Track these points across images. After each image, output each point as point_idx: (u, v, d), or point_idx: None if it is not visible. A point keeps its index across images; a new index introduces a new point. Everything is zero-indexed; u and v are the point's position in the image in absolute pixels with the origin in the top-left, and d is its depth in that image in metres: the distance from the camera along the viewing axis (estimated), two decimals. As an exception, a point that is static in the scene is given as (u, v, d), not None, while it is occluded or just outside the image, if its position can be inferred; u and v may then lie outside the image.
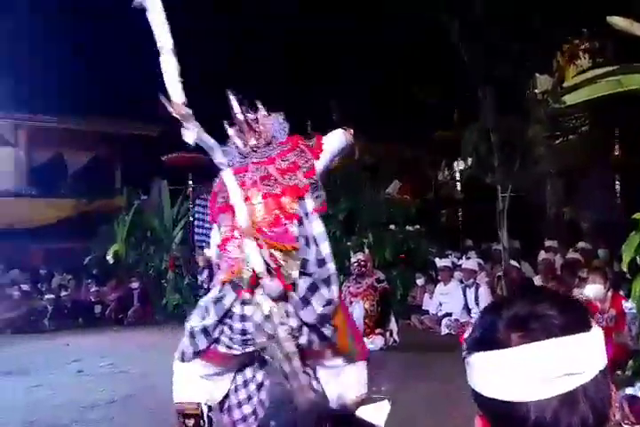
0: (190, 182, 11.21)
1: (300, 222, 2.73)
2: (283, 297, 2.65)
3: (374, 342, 6.07)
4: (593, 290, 5.33)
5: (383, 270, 7.46)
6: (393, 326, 6.56)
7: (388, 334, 6.41)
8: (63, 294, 9.55)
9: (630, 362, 4.28)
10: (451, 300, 7.40)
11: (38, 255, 11.98)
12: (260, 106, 2.92)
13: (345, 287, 6.28)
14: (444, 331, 7.14)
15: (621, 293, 5.56)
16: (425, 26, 8.08)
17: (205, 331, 2.78)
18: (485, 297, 7.04)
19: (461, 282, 7.43)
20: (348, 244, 8.30)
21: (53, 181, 14.80)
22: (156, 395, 4.78)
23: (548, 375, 0.70)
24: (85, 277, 10.35)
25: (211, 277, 10.17)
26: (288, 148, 2.82)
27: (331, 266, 2.78)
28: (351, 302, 6.22)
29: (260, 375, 3.05)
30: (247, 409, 2.99)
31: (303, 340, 2.72)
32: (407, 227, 9.00)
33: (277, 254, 2.62)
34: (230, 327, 2.75)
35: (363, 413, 0.80)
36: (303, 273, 2.70)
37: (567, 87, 8.46)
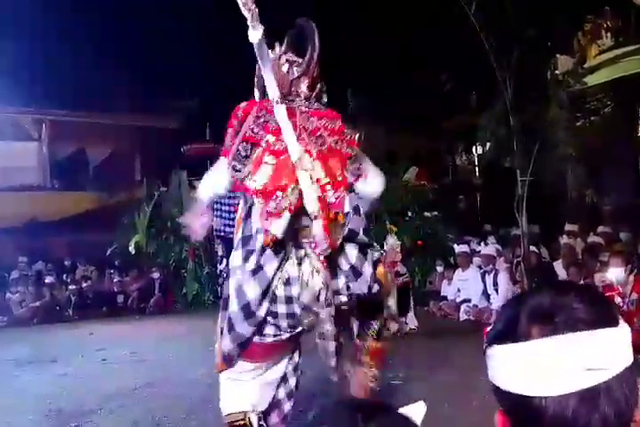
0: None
1: (349, 190, 2.40)
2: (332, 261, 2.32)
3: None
4: (614, 274, 5.27)
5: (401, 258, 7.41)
6: (410, 319, 6.49)
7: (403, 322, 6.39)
8: (86, 284, 9.72)
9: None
10: (469, 286, 7.35)
11: (62, 247, 12.18)
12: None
13: None
14: (463, 317, 7.11)
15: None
16: (440, 7, 7.92)
17: (247, 310, 2.32)
18: (504, 283, 6.97)
19: (480, 268, 7.36)
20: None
21: (75, 174, 15.05)
22: (177, 382, 4.90)
23: (569, 370, 0.68)
24: (108, 267, 10.52)
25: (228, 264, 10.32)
26: (331, 114, 2.48)
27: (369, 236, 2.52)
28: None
29: (296, 357, 2.73)
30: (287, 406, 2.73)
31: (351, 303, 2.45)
32: (425, 213, 8.93)
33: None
34: (274, 314, 2.37)
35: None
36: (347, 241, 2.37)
37: (588, 68, 8.27)
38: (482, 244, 7.92)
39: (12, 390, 4.89)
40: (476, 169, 11.75)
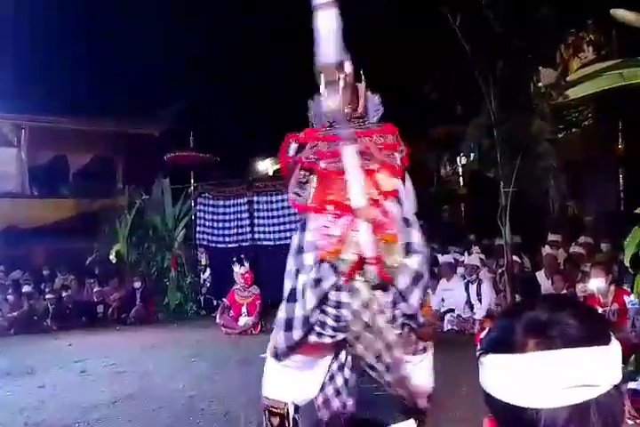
0: (192, 181, 11.22)
1: (399, 202, 2.54)
2: (382, 287, 2.50)
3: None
4: (595, 284, 5.32)
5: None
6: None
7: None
8: (66, 294, 9.54)
9: (633, 357, 4.25)
10: (453, 296, 7.35)
11: (41, 255, 12.00)
12: (362, 77, 2.71)
13: None
14: (447, 327, 7.11)
15: (625, 287, 5.53)
16: (426, 18, 8.00)
17: (305, 319, 2.52)
18: (488, 293, 7.01)
19: (464, 278, 7.38)
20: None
21: (56, 181, 14.86)
22: (158, 394, 4.81)
23: (561, 385, 0.70)
24: (88, 277, 10.36)
25: (213, 275, 10.23)
26: (385, 129, 2.70)
27: (424, 253, 2.65)
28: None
29: (342, 358, 2.81)
30: (336, 403, 2.81)
31: (398, 329, 2.60)
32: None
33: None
34: (324, 311, 2.52)
35: None
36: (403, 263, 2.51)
37: (570, 81, 8.39)
38: (465, 254, 7.96)
39: (-12, 403, 4.76)
40: (460, 179, 11.83)
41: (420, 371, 2.74)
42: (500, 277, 7.30)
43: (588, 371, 0.70)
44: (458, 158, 11.81)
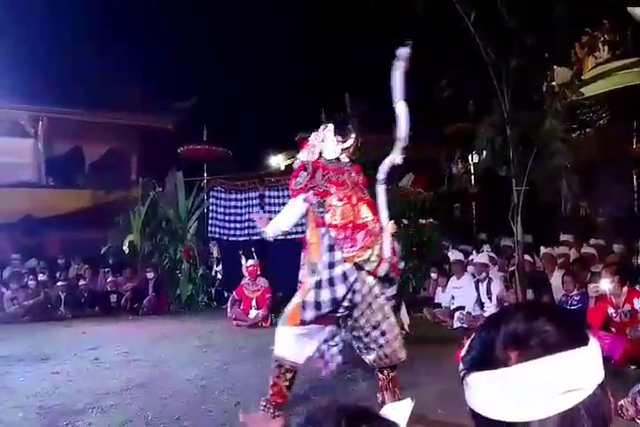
0: (205, 174, 11.29)
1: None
2: (383, 278, 3.60)
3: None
4: (608, 285, 5.30)
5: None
6: (404, 318, 6.53)
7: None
8: (80, 283, 9.67)
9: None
10: (463, 293, 7.36)
11: (55, 245, 12.16)
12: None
13: None
14: (456, 324, 7.11)
15: (637, 287, 5.52)
16: (439, 15, 7.96)
17: (334, 300, 3.48)
18: (498, 291, 7.01)
19: (474, 276, 7.39)
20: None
21: (71, 172, 15.01)
22: (170, 383, 4.88)
23: (549, 393, 0.69)
24: (101, 266, 10.49)
25: (225, 268, 10.30)
26: (358, 169, 3.71)
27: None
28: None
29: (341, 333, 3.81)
30: (334, 350, 3.76)
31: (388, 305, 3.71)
32: (420, 220, 8.95)
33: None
34: (343, 299, 3.52)
35: (384, 411, 0.81)
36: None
37: (585, 80, 8.35)
38: (473, 252, 7.96)
39: (3, 388, 4.84)
40: (472, 177, 11.78)
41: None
42: (511, 276, 7.29)
43: (572, 375, 0.70)
44: (470, 156, 11.74)
